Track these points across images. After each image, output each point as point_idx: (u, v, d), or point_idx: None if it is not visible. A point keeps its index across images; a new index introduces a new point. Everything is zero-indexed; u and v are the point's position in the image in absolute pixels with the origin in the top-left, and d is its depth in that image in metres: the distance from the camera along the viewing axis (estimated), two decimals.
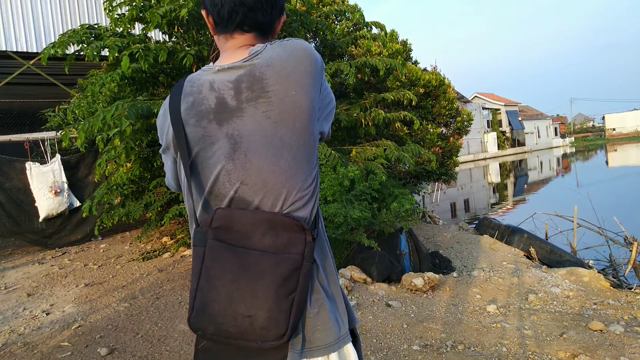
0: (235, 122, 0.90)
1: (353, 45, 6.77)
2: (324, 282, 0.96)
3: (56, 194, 6.44)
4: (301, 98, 0.89)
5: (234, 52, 0.97)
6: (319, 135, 0.98)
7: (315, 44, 7.07)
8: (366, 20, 5.99)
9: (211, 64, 0.98)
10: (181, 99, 0.94)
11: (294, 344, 0.91)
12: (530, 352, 2.80)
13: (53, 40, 4.16)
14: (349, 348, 0.97)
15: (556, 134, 49.46)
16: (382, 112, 5.19)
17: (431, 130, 7.57)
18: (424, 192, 9.38)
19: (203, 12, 0.99)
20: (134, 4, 4.40)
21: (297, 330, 0.89)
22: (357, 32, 6.40)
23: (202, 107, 0.93)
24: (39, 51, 7.90)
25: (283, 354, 0.90)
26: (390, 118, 5.34)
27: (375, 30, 7.04)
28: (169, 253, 5.63)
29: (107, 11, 4.58)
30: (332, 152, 4.45)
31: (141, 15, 4.51)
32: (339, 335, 0.95)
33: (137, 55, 3.80)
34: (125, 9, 4.61)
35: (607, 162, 25.93)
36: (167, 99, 0.99)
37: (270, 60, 0.90)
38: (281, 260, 0.85)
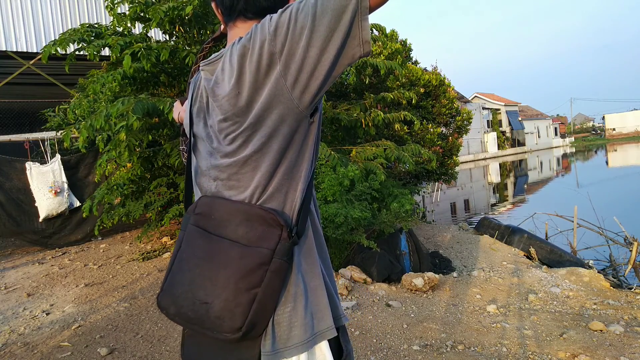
0: (209, 123, 0.93)
1: None
2: (304, 276, 0.91)
3: (56, 194, 6.44)
4: (244, 96, 0.83)
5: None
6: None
7: None
8: None
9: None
10: (194, 92, 0.99)
11: (264, 345, 0.86)
12: (530, 352, 2.80)
13: (52, 40, 4.17)
14: (323, 347, 0.91)
15: (556, 134, 49.45)
16: (381, 113, 5.19)
17: (431, 130, 7.57)
18: (424, 192, 9.37)
19: (213, 5, 0.99)
20: (135, 1, 4.40)
21: (258, 329, 0.84)
22: None
23: (200, 103, 0.97)
24: (39, 51, 7.89)
25: (256, 352, 0.86)
26: (390, 118, 5.34)
27: (375, 33, 7.03)
28: (169, 253, 5.63)
29: (109, 9, 4.58)
30: (332, 152, 4.45)
31: (142, 14, 4.51)
32: (314, 331, 0.89)
33: (139, 55, 3.80)
34: (126, 8, 4.61)
35: (607, 162, 25.93)
36: (196, 78, 1.02)
37: (224, 64, 0.86)
38: (249, 253, 0.83)
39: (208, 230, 0.89)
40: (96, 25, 4.46)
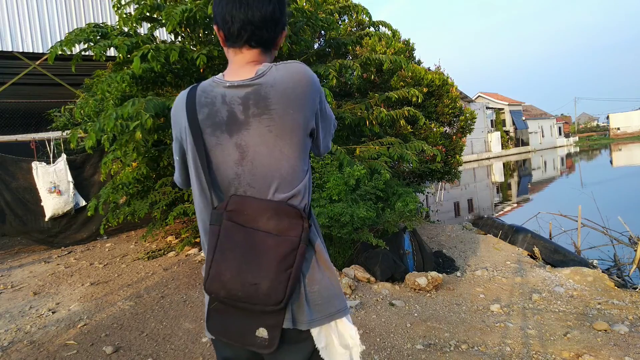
0: (243, 134, 1.06)
1: (358, 45, 6.76)
2: (325, 265, 1.13)
3: (60, 193, 6.49)
4: (298, 116, 1.06)
5: (242, 67, 1.11)
6: (324, 149, 1.23)
7: (319, 44, 7.05)
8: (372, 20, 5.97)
9: (220, 75, 1.12)
10: (197, 109, 1.10)
11: (299, 315, 1.06)
12: (533, 352, 2.81)
13: (59, 41, 4.18)
14: (345, 320, 1.12)
15: (560, 134, 49.21)
16: (384, 110, 5.18)
17: (434, 129, 7.57)
18: (428, 192, 9.36)
19: (215, 27, 1.13)
20: (142, 2, 4.41)
21: (292, 301, 1.06)
22: (362, 31, 6.37)
23: (216, 118, 1.08)
24: (45, 52, 7.94)
25: (279, 319, 1.05)
26: (394, 115, 5.32)
27: (381, 29, 7.01)
28: (174, 252, 5.66)
29: (116, 9, 4.60)
30: (338, 147, 4.46)
31: (148, 14, 4.52)
32: (338, 308, 1.11)
33: (149, 56, 3.80)
34: (133, 8, 4.62)
35: (611, 162, 25.80)
36: (182, 98, 1.14)
37: (274, 82, 1.05)
38: (282, 241, 1.03)
39: (242, 224, 1.05)
40: (102, 25, 4.47)
